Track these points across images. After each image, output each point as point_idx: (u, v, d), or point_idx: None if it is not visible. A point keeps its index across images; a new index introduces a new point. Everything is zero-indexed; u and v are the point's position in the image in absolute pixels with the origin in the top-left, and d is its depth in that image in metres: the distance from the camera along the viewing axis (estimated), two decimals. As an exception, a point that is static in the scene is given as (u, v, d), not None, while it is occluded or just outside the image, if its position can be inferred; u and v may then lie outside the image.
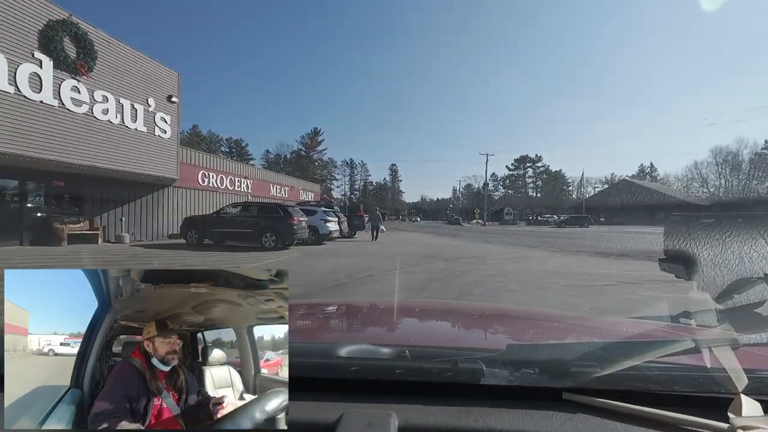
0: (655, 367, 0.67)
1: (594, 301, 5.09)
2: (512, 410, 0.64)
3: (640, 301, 5.14)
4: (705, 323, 1.11)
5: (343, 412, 0.62)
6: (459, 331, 1.36)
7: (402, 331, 1.31)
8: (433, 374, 0.69)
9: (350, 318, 1.51)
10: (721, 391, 0.63)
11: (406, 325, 1.39)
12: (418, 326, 1.43)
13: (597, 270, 8.14)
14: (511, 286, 6.21)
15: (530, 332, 1.34)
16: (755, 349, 0.83)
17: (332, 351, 0.75)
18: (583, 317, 2.13)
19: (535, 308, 3.69)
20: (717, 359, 0.67)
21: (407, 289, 5.93)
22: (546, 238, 20.38)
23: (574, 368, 0.66)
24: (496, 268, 8.58)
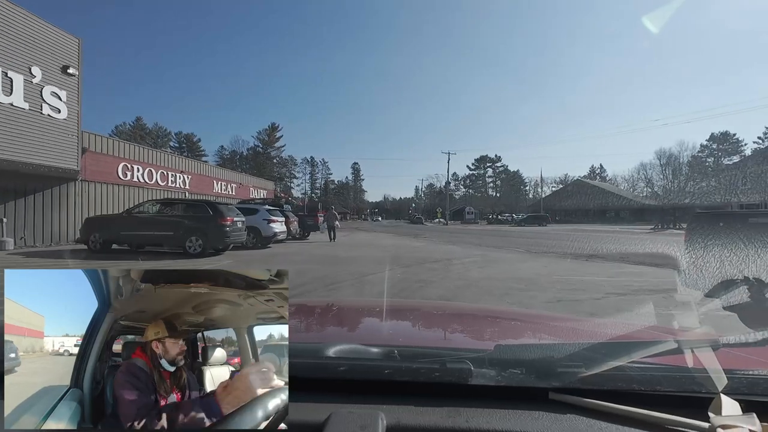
0: (639, 368, 0.68)
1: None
2: (500, 410, 0.64)
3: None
4: (687, 325, 0.91)
5: (332, 413, 0.61)
6: (448, 332, 1.35)
7: (391, 331, 1.30)
8: (421, 374, 0.69)
9: (339, 318, 1.51)
10: (702, 391, 0.64)
11: (395, 325, 1.39)
12: (407, 326, 1.43)
13: (575, 276, 7.13)
14: (484, 300, 5.29)
15: (518, 332, 1.35)
16: (735, 350, 0.84)
17: (320, 351, 0.74)
18: (569, 318, 2.18)
19: (523, 309, 3.62)
20: (698, 360, 0.69)
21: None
22: (509, 238, 19.73)
23: (560, 368, 0.68)
24: (464, 275, 7.38)
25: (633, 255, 10.21)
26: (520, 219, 47.99)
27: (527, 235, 22.12)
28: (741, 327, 2.25)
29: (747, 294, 1.06)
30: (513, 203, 78.91)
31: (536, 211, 55.29)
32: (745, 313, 1.24)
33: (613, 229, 32.14)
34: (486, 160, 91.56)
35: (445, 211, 57.35)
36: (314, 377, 0.70)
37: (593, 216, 54.41)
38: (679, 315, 0.89)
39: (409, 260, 9.68)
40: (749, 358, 0.85)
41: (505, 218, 58.44)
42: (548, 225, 43.10)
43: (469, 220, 60.14)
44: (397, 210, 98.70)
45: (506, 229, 35.83)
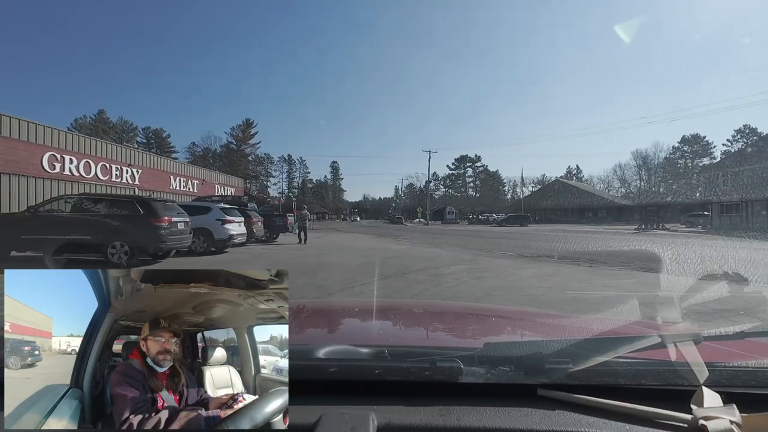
0: (625, 363, 0.70)
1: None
2: (490, 408, 0.65)
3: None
4: (670, 319, 1.00)
5: (322, 414, 0.61)
6: (438, 331, 1.35)
7: (381, 331, 1.29)
8: (412, 373, 0.69)
9: (328, 318, 1.49)
10: (684, 384, 0.66)
11: (385, 325, 1.38)
12: (397, 326, 1.42)
13: (591, 290, 5.72)
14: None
15: (507, 330, 1.35)
16: (715, 343, 0.87)
17: (310, 352, 0.74)
18: (557, 315, 2.20)
19: (512, 306, 3.64)
20: (681, 354, 0.71)
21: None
22: (495, 239, 18.46)
23: (548, 365, 0.69)
24: (458, 289, 5.84)
25: (636, 260, 8.99)
26: (502, 219, 46.75)
27: (513, 236, 20.97)
28: (721, 321, 2.31)
29: (726, 288, 1.00)
30: (492, 203, 78.81)
31: (516, 211, 54.73)
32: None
33: (596, 229, 31.58)
34: (466, 160, 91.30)
35: (426, 211, 55.90)
36: (304, 379, 0.69)
37: (572, 216, 54.42)
38: (662, 310, 0.89)
39: (390, 268, 8.09)
40: (729, 351, 0.87)
41: (486, 218, 57.67)
42: (529, 225, 42.43)
43: (450, 220, 58.34)
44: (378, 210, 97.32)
45: (488, 229, 34.43)
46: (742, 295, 3.79)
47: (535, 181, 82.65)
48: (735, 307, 3.85)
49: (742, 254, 9.63)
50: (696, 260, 7.92)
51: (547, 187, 68.44)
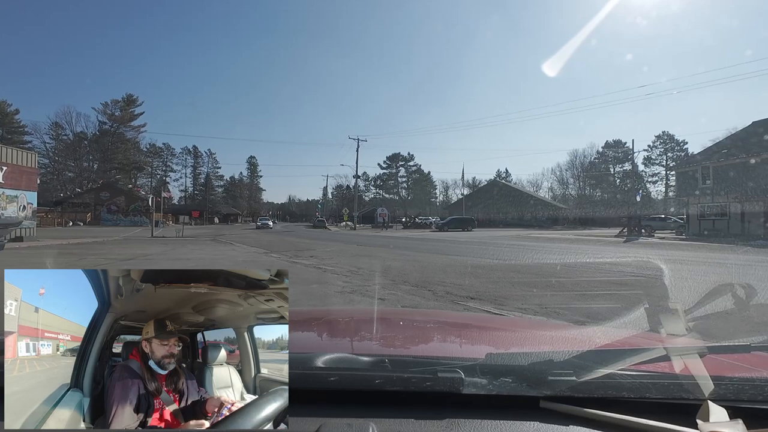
0: (629, 375, 0.68)
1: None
2: (492, 420, 0.64)
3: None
4: (675, 332, 0.94)
5: (321, 424, 0.60)
6: (439, 341, 1.34)
7: (382, 340, 1.28)
8: (413, 384, 0.68)
9: (329, 327, 1.48)
10: (690, 398, 0.65)
11: (386, 334, 1.36)
12: (398, 336, 1.40)
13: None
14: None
15: (509, 341, 1.33)
16: (721, 356, 0.86)
17: (310, 361, 0.72)
18: (560, 325, 2.25)
19: (514, 317, 3.70)
20: (686, 367, 0.69)
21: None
22: (453, 256, 11.68)
23: (551, 377, 0.67)
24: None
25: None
26: (443, 223, 40.19)
27: (471, 248, 14.43)
28: (727, 334, 2.63)
29: (732, 301, 0.95)
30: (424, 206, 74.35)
31: (453, 213, 49.79)
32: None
33: (565, 235, 25.49)
34: (398, 158, 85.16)
35: (353, 213, 47.70)
36: (304, 388, 0.68)
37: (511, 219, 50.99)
38: (667, 322, 0.86)
39: None
40: (735, 364, 0.86)
41: (423, 222, 51.86)
42: (474, 229, 37.15)
43: (381, 223, 50.63)
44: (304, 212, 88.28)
45: (430, 235, 27.46)
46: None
47: (468, 183, 79.93)
48: (741, 319, 3.32)
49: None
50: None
51: (484, 188, 65.36)
